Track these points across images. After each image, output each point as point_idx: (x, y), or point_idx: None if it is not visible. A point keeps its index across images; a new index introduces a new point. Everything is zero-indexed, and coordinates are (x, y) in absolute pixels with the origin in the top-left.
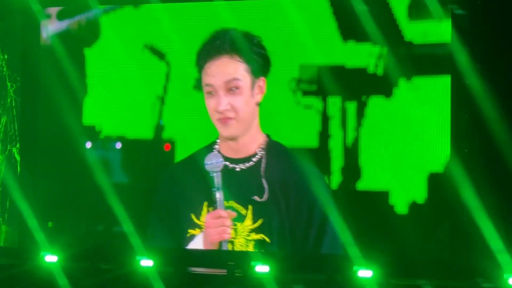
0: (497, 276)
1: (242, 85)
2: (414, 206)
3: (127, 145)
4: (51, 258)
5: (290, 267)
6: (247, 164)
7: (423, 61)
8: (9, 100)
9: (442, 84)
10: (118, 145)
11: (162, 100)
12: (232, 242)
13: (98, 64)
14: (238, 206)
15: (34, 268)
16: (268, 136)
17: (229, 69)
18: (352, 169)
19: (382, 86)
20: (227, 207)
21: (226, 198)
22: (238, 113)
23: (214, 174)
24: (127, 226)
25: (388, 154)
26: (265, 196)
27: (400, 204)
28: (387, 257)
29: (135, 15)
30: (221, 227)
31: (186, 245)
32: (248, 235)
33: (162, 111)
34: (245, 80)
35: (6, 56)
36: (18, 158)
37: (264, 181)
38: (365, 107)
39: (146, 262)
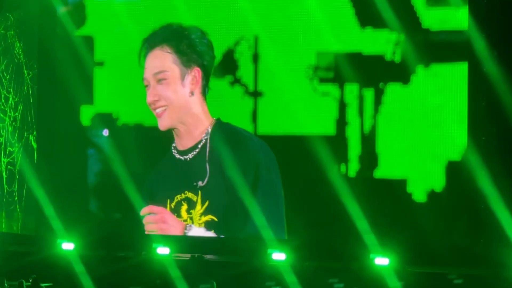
0: None
1: (169, 76)
2: (432, 194)
3: (143, 133)
4: (67, 246)
5: (307, 255)
6: (194, 152)
7: (441, 48)
8: (25, 87)
9: (459, 71)
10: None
11: None
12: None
13: (115, 51)
14: (192, 194)
15: (51, 256)
16: (217, 119)
17: (157, 61)
18: (369, 157)
19: (400, 73)
20: (183, 199)
21: (182, 190)
22: (166, 101)
23: None
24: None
25: (405, 141)
26: (206, 180)
27: (418, 192)
28: (404, 245)
29: (153, 3)
30: None
31: None
32: (199, 219)
33: None
34: (172, 71)
35: (22, 44)
36: (35, 146)
37: (207, 165)
38: (382, 95)
39: (163, 250)
